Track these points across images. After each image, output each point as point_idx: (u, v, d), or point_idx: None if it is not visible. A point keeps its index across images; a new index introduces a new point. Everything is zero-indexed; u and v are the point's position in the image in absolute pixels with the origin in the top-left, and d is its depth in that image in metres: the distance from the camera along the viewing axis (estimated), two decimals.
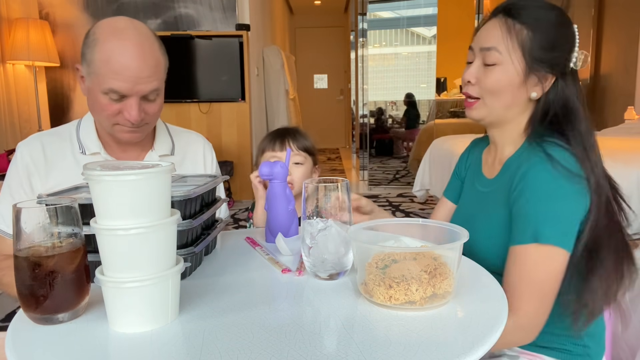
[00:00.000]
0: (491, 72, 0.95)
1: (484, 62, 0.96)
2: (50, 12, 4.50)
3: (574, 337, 0.96)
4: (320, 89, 10.16)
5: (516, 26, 0.93)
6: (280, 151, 1.30)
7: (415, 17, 5.88)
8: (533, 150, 0.92)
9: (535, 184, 0.88)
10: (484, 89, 0.96)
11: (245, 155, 4.88)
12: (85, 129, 1.19)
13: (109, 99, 1.05)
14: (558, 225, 0.86)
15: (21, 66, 4.03)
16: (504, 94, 0.95)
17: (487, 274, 0.82)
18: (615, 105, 4.77)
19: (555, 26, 0.94)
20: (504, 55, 0.94)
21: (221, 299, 0.72)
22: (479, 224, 0.99)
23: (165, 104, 1.17)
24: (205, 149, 1.34)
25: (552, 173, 0.87)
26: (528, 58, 0.93)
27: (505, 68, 0.94)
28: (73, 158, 1.16)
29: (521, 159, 0.94)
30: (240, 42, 4.57)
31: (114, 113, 1.07)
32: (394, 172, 5.87)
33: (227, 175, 1.25)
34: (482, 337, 0.59)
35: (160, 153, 1.23)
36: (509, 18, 0.94)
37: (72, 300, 0.65)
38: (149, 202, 0.61)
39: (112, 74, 1.03)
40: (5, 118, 3.75)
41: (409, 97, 5.81)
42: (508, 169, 0.98)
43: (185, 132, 1.34)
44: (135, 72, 1.04)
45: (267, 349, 0.57)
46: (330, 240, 0.78)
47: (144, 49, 1.06)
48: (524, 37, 0.93)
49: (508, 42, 0.93)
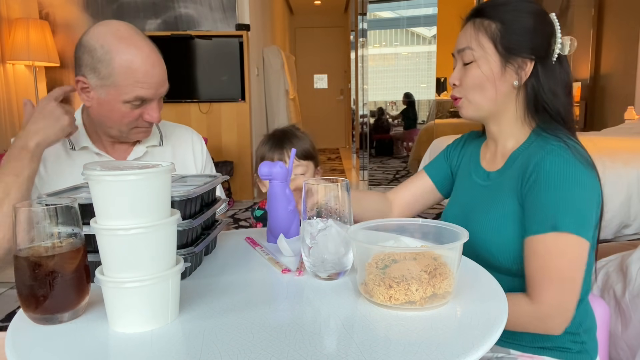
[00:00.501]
0: (469, 70, 0.99)
1: (463, 63, 1.01)
2: (50, 12, 4.50)
3: (572, 334, 0.96)
4: (320, 89, 10.16)
5: (485, 22, 0.98)
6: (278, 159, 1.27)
7: (415, 17, 5.88)
8: (545, 140, 0.94)
9: (552, 170, 0.88)
10: (466, 88, 1.00)
11: (245, 155, 4.88)
12: None
13: (131, 107, 1.09)
14: (576, 214, 0.86)
15: (21, 66, 4.03)
16: (485, 87, 0.98)
17: (487, 274, 0.82)
18: (615, 105, 4.77)
19: (526, 14, 0.97)
20: (477, 51, 0.98)
21: (221, 299, 0.72)
22: (480, 218, 0.99)
23: (165, 104, 1.19)
24: (193, 139, 1.35)
25: (569, 160, 0.88)
26: (500, 48, 0.96)
27: (480, 63, 0.98)
28: (65, 153, 1.19)
29: (531, 150, 0.95)
30: (240, 42, 4.57)
31: (135, 118, 1.12)
32: (394, 172, 5.87)
33: (227, 175, 1.25)
34: (482, 337, 0.59)
35: (148, 144, 1.25)
36: (479, 18, 0.99)
37: (72, 300, 0.65)
38: (149, 202, 0.61)
39: (138, 83, 1.07)
40: (5, 118, 3.75)
41: (408, 96, 5.81)
42: (515, 161, 0.98)
43: (174, 126, 1.36)
44: (158, 78, 1.10)
45: (267, 349, 0.57)
46: (330, 240, 0.78)
47: (157, 54, 1.11)
48: (493, 30, 0.97)
49: (479, 38, 0.98)
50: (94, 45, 1.06)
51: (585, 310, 0.99)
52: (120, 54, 1.05)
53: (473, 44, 0.98)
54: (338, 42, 9.85)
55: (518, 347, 0.98)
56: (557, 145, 0.91)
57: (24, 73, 4.07)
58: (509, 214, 0.94)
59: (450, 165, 1.20)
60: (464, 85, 1.01)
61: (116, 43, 1.06)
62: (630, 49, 4.56)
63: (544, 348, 0.97)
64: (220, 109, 4.74)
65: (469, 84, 1.00)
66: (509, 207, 0.95)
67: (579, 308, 0.96)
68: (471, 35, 0.99)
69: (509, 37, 0.96)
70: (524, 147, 0.99)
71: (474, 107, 1.01)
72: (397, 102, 5.91)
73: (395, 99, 5.89)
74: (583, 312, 0.98)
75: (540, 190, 0.88)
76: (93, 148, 1.19)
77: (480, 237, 0.96)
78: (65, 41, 4.48)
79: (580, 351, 0.97)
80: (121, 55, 1.05)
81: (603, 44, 5.07)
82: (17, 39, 3.79)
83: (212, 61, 4.60)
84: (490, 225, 0.96)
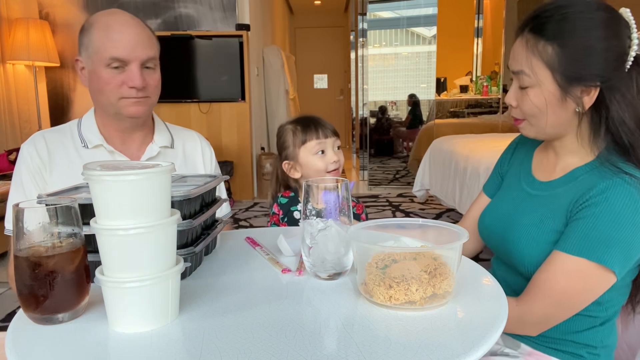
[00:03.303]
0: (526, 95, 0.90)
1: (519, 85, 0.92)
2: (50, 12, 4.50)
3: (591, 347, 0.95)
4: (320, 89, 10.16)
5: (540, 45, 0.86)
6: (324, 137, 1.32)
7: (415, 17, 5.88)
8: (611, 170, 0.86)
9: (613, 202, 0.83)
10: (524, 113, 0.93)
11: (245, 155, 4.88)
12: (86, 125, 1.22)
13: (111, 71, 1.12)
14: (620, 251, 0.83)
15: (21, 66, 4.03)
16: (544, 114, 0.90)
17: (487, 274, 0.82)
18: None
19: (591, 29, 0.84)
20: (533, 78, 0.88)
21: (221, 299, 0.72)
22: (521, 225, 0.96)
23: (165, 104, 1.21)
24: (202, 146, 1.37)
25: (634, 197, 0.82)
26: (559, 78, 0.86)
27: (538, 91, 0.88)
28: (76, 152, 1.20)
29: (597, 173, 0.89)
30: (240, 42, 4.57)
31: (118, 85, 1.13)
32: (394, 172, 5.87)
33: (227, 175, 1.26)
34: (482, 337, 0.59)
35: (160, 144, 1.27)
36: (533, 34, 0.87)
37: (72, 300, 0.65)
38: (149, 202, 0.61)
39: (112, 42, 1.11)
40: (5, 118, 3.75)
41: (412, 97, 5.81)
42: (576, 179, 0.92)
43: (182, 129, 1.38)
44: (133, 37, 1.13)
45: (267, 349, 0.57)
46: (330, 240, 0.78)
47: (137, 22, 1.16)
48: (550, 55, 0.85)
49: (533, 65, 0.87)
50: (84, 25, 1.16)
51: (610, 328, 0.97)
52: (99, 21, 1.13)
53: (527, 69, 0.88)
54: (338, 42, 9.84)
55: (529, 344, 0.98)
56: (624, 179, 0.83)
57: (24, 73, 4.07)
58: (553, 229, 0.91)
59: (502, 175, 1.15)
60: (522, 109, 0.93)
61: (99, 17, 1.15)
62: None
63: (557, 350, 0.96)
64: (220, 109, 4.74)
65: (526, 111, 0.92)
66: (555, 223, 0.90)
67: (605, 325, 0.95)
68: (525, 58, 0.88)
69: (569, 65, 0.84)
70: (589, 167, 0.92)
71: (535, 130, 0.94)
72: (397, 102, 5.91)
73: (395, 99, 5.89)
74: (608, 330, 0.96)
75: (595, 215, 0.83)
76: (107, 146, 1.20)
77: (517, 245, 0.95)
78: (65, 41, 4.48)
79: None
80: (100, 22, 1.13)
81: None
82: (17, 39, 3.79)
83: (212, 61, 4.60)
84: (531, 236, 0.93)
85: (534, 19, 0.88)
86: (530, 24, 0.88)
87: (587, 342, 0.94)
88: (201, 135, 1.40)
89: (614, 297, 0.93)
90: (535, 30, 0.87)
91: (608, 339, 0.97)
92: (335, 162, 1.31)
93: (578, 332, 0.94)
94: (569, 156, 0.96)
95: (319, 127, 1.32)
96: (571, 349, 0.96)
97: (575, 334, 0.95)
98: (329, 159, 1.31)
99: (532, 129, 0.94)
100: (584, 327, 0.94)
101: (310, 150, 1.31)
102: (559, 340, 0.96)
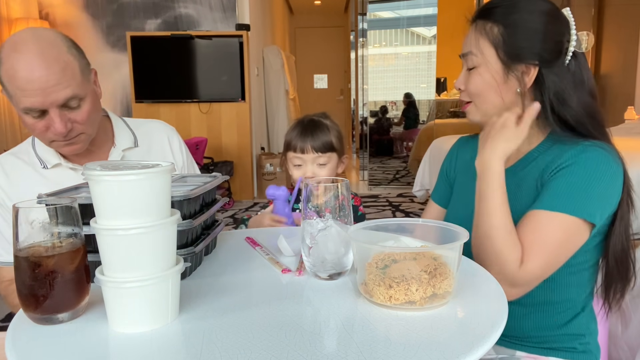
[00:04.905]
0: (472, 75, 0.97)
1: (467, 67, 0.98)
2: (50, 12, 4.50)
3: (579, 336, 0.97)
4: (320, 89, 10.16)
5: (487, 26, 0.94)
6: (301, 153, 1.33)
7: (415, 17, 5.88)
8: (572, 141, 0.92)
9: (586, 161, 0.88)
10: (470, 93, 0.98)
11: (245, 155, 4.88)
12: (40, 144, 1.16)
13: (32, 118, 1.02)
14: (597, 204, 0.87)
15: None
16: (489, 94, 0.96)
17: (487, 274, 0.82)
18: (615, 105, 4.77)
19: (534, 14, 0.92)
20: (479, 57, 0.95)
21: (221, 299, 0.72)
22: None
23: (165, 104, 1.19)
24: (169, 135, 1.31)
25: (604, 155, 0.88)
26: (502, 55, 0.93)
27: (482, 70, 0.95)
28: (37, 173, 1.14)
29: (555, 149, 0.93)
30: (240, 42, 4.57)
31: (43, 130, 1.04)
32: (394, 172, 5.87)
33: (227, 175, 1.26)
34: (482, 337, 0.59)
35: (122, 147, 1.21)
36: (482, 20, 0.95)
37: (72, 300, 0.65)
38: (149, 202, 0.61)
39: (21, 92, 0.99)
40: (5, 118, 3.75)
41: (408, 96, 5.81)
42: (533, 159, 0.97)
43: (145, 122, 1.31)
44: (40, 84, 0.98)
45: (267, 349, 0.57)
46: (330, 240, 0.77)
47: (44, 57, 0.99)
48: (495, 34, 0.93)
49: (480, 44, 0.94)
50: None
51: (590, 313, 1.01)
52: (6, 62, 0.99)
53: (475, 49, 0.95)
54: (338, 42, 9.85)
55: (524, 348, 0.99)
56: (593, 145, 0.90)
57: None
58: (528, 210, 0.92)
59: (451, 182, 1.17)
60: (468, 90, 0.99)
61: (6, 51, 1.00)
62: (630, 49, 4.56)
63: (551, 349, 0.97)
64: (220, 109, 4.74)
65: (472, 90, 0.98)
66: (528, 207, 0.92)
67: (585, 311, 0.98)
68: (474, 39, 0.96)
69: (512, 43, 0.92)
70: (543, 147, 0.96)
71: (481, 112, 0.99)
72: (397, 102, 5.91)
73: (395, 99, 5.90)
74: (589, 316, 1.00)
75: (569, 174, 0.88)
76: (66, 164, 1.14)
77: None
78: None
79: (584, 351, 0.98)
80: (7, 63, 0.99)
81: (603, 44, 5.07)
82: None
83: (212, 61, 4.60)
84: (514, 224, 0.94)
85: (484, 8, 0.97)
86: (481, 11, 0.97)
87: (576, 331, 0.96)
88: (166, 123, 1.34)
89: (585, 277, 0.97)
90: (485, 15, 0.96)
91: (592, 324, 1.00)
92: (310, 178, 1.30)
93: (566, 324, 0.97)
94: None
95: (306, 140, 1.32)
96: (564, 343, 0.97)
97: (564, 327, 0.97)
98: (304, 173, 1.32)
99: (477, 112, 0.99)
100: (570, 317, 0.97)
101: (290, 159, 1.35)
102: (551, 337, 0.97)
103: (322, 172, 1.34)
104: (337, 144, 1.35)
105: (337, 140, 1.36)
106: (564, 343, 0.97)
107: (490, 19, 0.94)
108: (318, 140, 1.32)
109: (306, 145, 1.32)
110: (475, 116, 1.00)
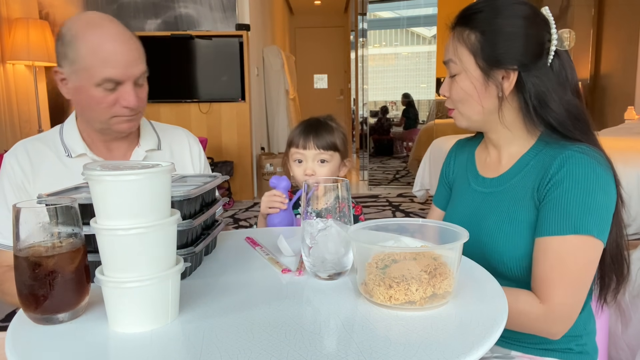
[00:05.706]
0: (454, 83, 0.97)
1: (449, 74, 0.98)
2: (50, 12, 4.50)
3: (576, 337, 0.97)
4: (320, 89, 10.16)
5: (465, 33, 0.94)
6: (303, 149, 1.33)
7: (415, 17, 5.88)
8: (558, 145, 0.91)
9: (575, 174, 0.87)
10: (453, 100, 0.99)
11: (245, 155, 4.88)
12: (68, 132, 1.18)
13: (104, 91, 1.06)
14: (598, 217, 0.86)
15: (21, 66, 4.03)
16: (470, 100, 0.96)
17: (487, 274, 0.82)
18: (615, 105, 4.77)
19: (511, 19, 0.91)
20: (459, 65, 0.95)
21: (221, 299, 0.72)
22: (489, 225, 0.97)
23: (165, 104, 1.20)
24: (190, 143, 1.34)
25: (591, 163, 0.87)
26: (480, 62, 0.92)
27: (462, 77, 0.95)
28: (60, 162, 1.16)
29: (545, 155, 0.93)
30: (240, 42, 4.58)
31: (111, 104, 1.08)
32: (394, 172, 5.87)
33: (227, 175, 1.27)
34: (482, 337, 0.59)
35: (146, 148, 1.24)
36: (460, 27, 0.95)
37: (72, 300, 0.65)
38: (149, 202, 0.61)
39: (103, 63, 1.04)
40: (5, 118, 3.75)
41: (406, 97, 5.82)
42: (525, 165, 0.96)
43: (170, 128, 1.34)
44: (126, 56, 1.06)
45: (267, 349, 0.57)
46: (330, 240, 0.78)
47: (125, 34, 1.08)
48: (473, 41, 0.93)
49: (459, 51, 0.95)
50: (64, 33, 1.07)
51: (588, 313, 1.00)
52: (85, 35, 1.05)
53: (454, 57, 0.95)
54: (338, 42, 9.85)
55: (520, 348, 0.99)
56: (574, 150, 0.88)
57: (24, 73, 4.07)
58: (524, 220, 0.92)
59: (450, 185, 1.17)
60: (451, 97, 0.99)
61: (83, 26, 1.06)
62: (630, 49, 4.56)
63: (547, 349, 0.97)
64: (220, 109, 4.74)
65: (454, 98, 0.98)
66: (524, 214, 0.92)
67: (583, 311, 0.97)
68: (453, 48, 0.96)
69: (490, 49, 0.91)
70: (535, 151, 0.96)
71: (466, 118, 0.99)
72: (397, 102, 5.92)
73: (396, 99, 5.90)
74: (586, 316, 0.99)
75: (562, 191, 0.87)
76: (90, 154, 1.16)
77: (491, 246, 0.95)
78: None
79: (581, 352, 0.98)
80: (86, 37, 1.04)
81: (603, 44, 5.07)
82: (17, 39, 3.79)
83: (212, 61, 4.60)
84: (504, 233, 0.94)
85: (462, 15, 0.96)
86: (459, 18, 0.97)
87: (573, 332, 0.95)
88: (189, 131, 1.37)
89: None
90: (463, 21, 0.95)
91: (589, 324, 1.00)
92: (310, 176, 1.30)
93: None
94: (509, 146, 1.00)
95: (309, 136, 1.33)
96: (560, 344, 0.96)
97: None
98: (304, 170, 1.32)
99: (462, 118, 1.00)
100: None
101: (291, 155, 1.35)
102: (547, 338, 0.95)
103: (323, 171, 1.33)
104: (340, 144, 1.35)
105: (340, 142, 1.35)
106: (559, 344, 0.96)
107: (467, 26, 0.94)
108: (321, 137, 1.33)
109: (308, 141, 1.32)
110: (461, 122, 1.01)
